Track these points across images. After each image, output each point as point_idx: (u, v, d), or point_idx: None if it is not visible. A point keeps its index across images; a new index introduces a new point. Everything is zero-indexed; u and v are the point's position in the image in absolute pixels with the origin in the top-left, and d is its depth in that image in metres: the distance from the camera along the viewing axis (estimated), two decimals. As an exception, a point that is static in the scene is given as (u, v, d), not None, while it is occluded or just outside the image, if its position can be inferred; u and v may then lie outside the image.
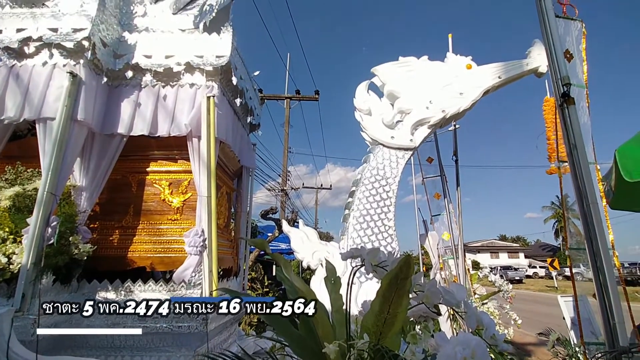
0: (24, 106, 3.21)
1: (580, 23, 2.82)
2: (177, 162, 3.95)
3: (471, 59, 4.47)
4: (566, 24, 2.73)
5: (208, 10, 3.87)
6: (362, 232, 3.90)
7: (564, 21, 2.70)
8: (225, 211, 4.69)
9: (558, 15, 2.58)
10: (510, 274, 33.25)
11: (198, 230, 3.37)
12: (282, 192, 17.60)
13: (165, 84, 3.71)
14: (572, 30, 2.77)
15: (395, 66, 4.45)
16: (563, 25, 2.70)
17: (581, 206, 2.21)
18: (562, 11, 2.77)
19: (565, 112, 2.30)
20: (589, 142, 2.68)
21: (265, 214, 11.68)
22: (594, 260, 2.10)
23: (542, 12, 2.45)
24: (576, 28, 2.80)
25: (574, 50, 2.72)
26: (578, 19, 2.82)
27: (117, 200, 3.88)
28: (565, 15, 2.73)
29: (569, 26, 2.78)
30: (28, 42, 3.28)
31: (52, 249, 2.95)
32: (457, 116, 4.43)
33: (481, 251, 52.05)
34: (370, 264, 1.55)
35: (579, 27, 2.81)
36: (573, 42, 2.75)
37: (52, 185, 2.98)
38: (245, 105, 4.56)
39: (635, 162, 2.53)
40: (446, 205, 5.84)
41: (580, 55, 2.76)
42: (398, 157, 4.27)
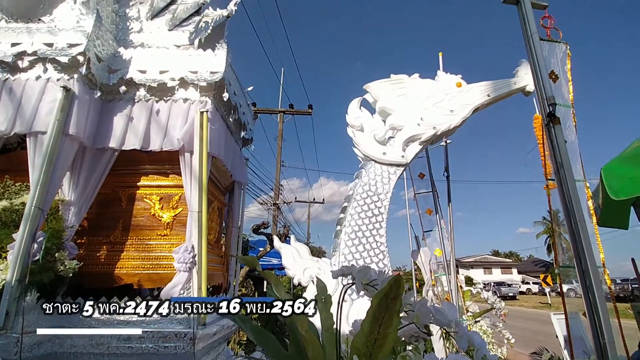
0: (15, 120, 3.19)
1: (564, 45, 2.90)
2: (169, 176, 3.92)
3: (461, 77, 4.56)
4: (551, 46, 2.81)
5: (204, 27, 3.92)
6: (353, 248, 3.89)
7: (549, 44, 2.79)
8: (216, 226, 4.65)
9: (542, 38, 2.66)
10: (503, 290, 33.20)
11: (188, 246, 3.33)
12: (274, 206, 17.53)
13: (159, 99, 3.72)
14: (557, 52, 2.85)
15: (387, 83, 4.52)
16: (547, 48, 2.79)
17: (569, 224, 2.24)
18: (547, 34, 2.86)
19: (552, 132, 2.35)
20: (577, 160, 2.72)
21: (257, 229, 11.59)
22: (583, 278, 2.11)
23: (527, 36, 2.53)
24: (561, 50, 2.88)
25: (559, 71, 2.79)
26: (562, 41, 2.91)
27: (106, 215, 3.82)
28: (550, 38, 2.82)
29: (553, 48, 2.86)
30: (22, 57, 3.28)
31: (37, 266, 2.88)
32: (447, 133, 4.50)
33: (474, 267, 52.00)
34: (361, 283, 1.55)
35: (563, 49, 2.89)
36: (558, 64, 2.83)
37: (40, 199, 2.94)
38: (239, 120, 4.58)
39: (620, 180, 2.57)
40: (438, 221, 5.86)
41: (565, 76, 2.84)
42: (390, 173, 4.30)
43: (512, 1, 2.62)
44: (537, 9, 2.70)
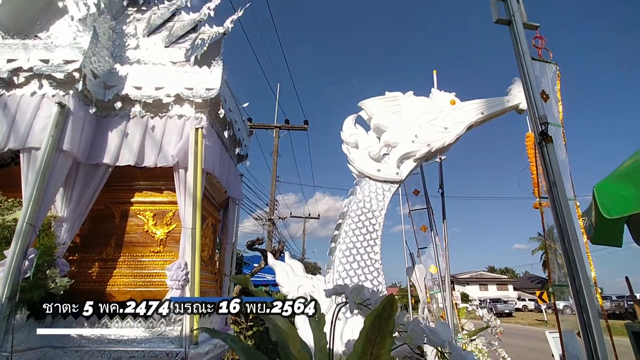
0: (9, 136, 3.19)
1: (554, 66, 2.96)
2: (163, 192, 3.91)
3: (455, 95, 4.61)
4: (542, 66, 2.86)
5: (200, 44, 3.97)
6: (348, 265, 3.85)
7: (540, 63, 2.84)
8: (210, 243, 4.62)
9: (534, 58, 2.71)
10: (499, 307, 32.95)
11: (181, 263, 3.30)
12: (269, 222, 17.44)
13: (154, 115, 3.74)
14: (548, 72, 2.91)
15: (382, 101, 4.56)
16: (539, 67, 2.84)
17: (562, 243, 2.24)
18: (538, 54, 2.92)
19: (544, 150, 2.37)
20: (568, 179, 2.75)
21: (251, 245, 11.49)
22: (577, 298, 2.11)
23: (519, 55, 2.58)
24: (551, 70, 2.94)
25: (550, 91, 2.84)
26: (552, 61, 2.97)
27: (98, 231, 3.79)
28: (541, 58, 2.88)
29: (544, 68, 2.92)
30: (18, 73, 3.30)
31: (27, 283, 2.84)
32: (442, 150, 4.52)
33: (470, 283, 51.72)
34: (354, 302, 1.54)
35: (553, 70, 2.95)
36: (549, 84, 2.88)
37: (33, 216, 2.91)
38: (234, 137, 4.59)
39: (612, 199, 2.60)
40: (432, 238, 5.84)
41: (555, 96, 2.89)
42: (384, 190, 4.29)
43: (504, 21, 2.67)
44: (529, 29, 2.76)
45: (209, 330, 1.50)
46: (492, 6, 2.61)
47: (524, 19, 2.60)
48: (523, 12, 2.59)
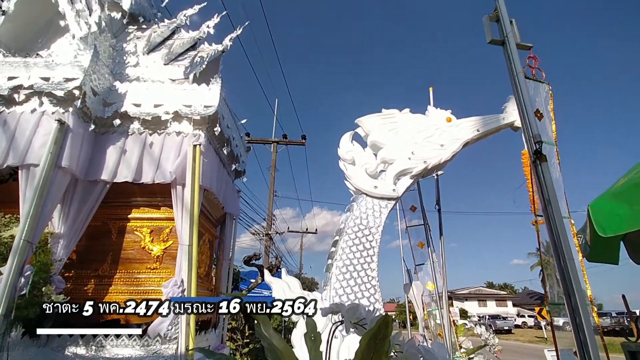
0: (9, 152, 3.21)
1: (547, 85, 3.02)
2: (160, 209, 3.91)
3: (451, 112, 4.68)
4: (535, 85, 2.92)
5: (199, 62, 4.03)
6: (345, 282, 3.84)
7: (534, 83, 2.90)
8: (206, 259, 4.60)
9: (528, 77, 2.76)
10: (499, 323, 32.54)
11: (177, 280, 3.28)
12: (266, 237, 17.34)
13: (153, 132, 3.76)
14: (541, 92, 2.97)
15: (379, 118, 4.62)
16: (533, 87, 2.89)
17: (558, 262, 2.24)
18: (532, 74, 2.97)
19: (539, 169, 2.39)
20: (562, 197, 2.77)
21: (248, 260, 11.40)
22: (572, 316, 2.10)
23: (513, 75, 2.62)
24: (544, 90, 2.99)
25: (543, 110, 2.89)
26: (545, 81, 3.03)
27: (95, 247, 3.78)
28: (535, 77, 2.94)
29: (538, 88, 2.97)
30: (19, 90, 3.34)
31: (23, 300, 2.82)
32: (438, 166, 4.56)
33: (469, 299, 51.21)
34: (350, 322, 1.54)
35: (546, 89, 3.01)
36: (542, 103, 2.93)
37: (30, 232, 2.91)
38: (231, 153, 4.62)
39: (607, 217, 2.60)
40: (430, 254, 5.84)
41: (549, 115, 2.94)
42: (381, 206, 4.31)
43: (498, 42, 2.73)
44: (522, 49, 2.82)
45: (204, 351, 1.49)
46: (486, 27, 2.67)
47: (517, 39, 2.66)
48: (516, 32, 2.66)
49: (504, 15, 2.64)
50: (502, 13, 2.66)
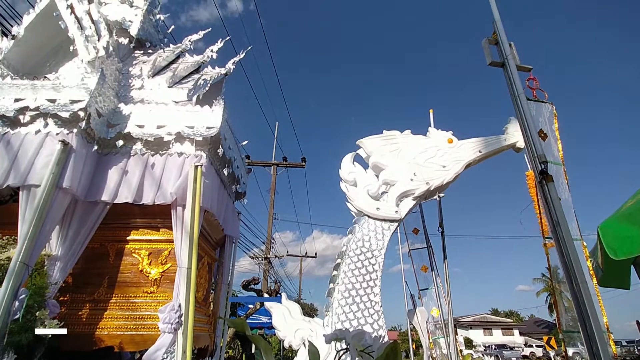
0: (10, 172, 3.19)
1: (550, 105, 3.01)
2: (159, 230, 3.86)
3: (452, 134, 4.67)
4: (538, 106, 2.91)
5: (202, 85, 4.07)
6: (347, 307, 3.72)
7: (536, 104, 2.89)
8: (205, 283, 4.50)
9: (529, 98, 2.76)
10: (506, 353, 31.54)
11: (175, 305, 3.18)
12: (265, 260, 17.11)
13: (155, 153, 3.76)
14: (544, 112, 2.95)
15: (380, 139, 4.61)
16: (535, 107, 2.88)
17: (571, 286, 2.16)
18: (533, 95, 2.97)
19: (545, 189, 2.35)
20: (573, 219, 2.70)
21: (246, 285, 11.23)
22: (589, 344, 2.00)
23: (515, 96, 2.63)
24: (547, 110, 2.98)
25: (547, 130, 2.87)
26: (548, 101, 3.02)
27: (91, 270, 3.69)
28: (536, 98, 2.94)
29: (540, 108, 2.96)
30: (24, 112, 3.36)
31: (16, 325, 2.73)
32: (441, 188, 4.52)
33: (473, 327, 49.84)
34: (355, 349, 1.46)
35: (549, 109, 2.99)
36: (546, 123, 2.91)
37: (27, 254, 2.85)
38: (232, 174, 4.60)
39: (618, 239, 2.53)
40: (434, 278, 5.70)
41: (553, 135, 2.91)
42: (384, 228, 4.24)
43: (498, 64, 2.75)
44: (522, 71, 2.83)
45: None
46: (486, 50, 2.69)
47: (517, 61, 2.68)
48: (515, 55, 2.68)
49: (503, 38, 2.67)
50: (501, 36, 2.69)
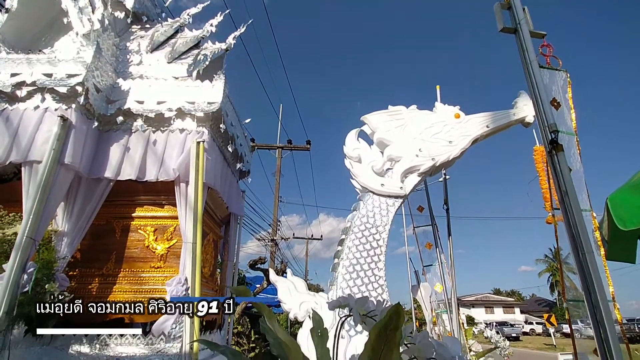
0: (11, 149, 3.18)
1: (564, 73, 2.89)
2: (164, 207, 3.87)
3: (459, 109, 4.58)
4: (551, 74, 2.80)
5: (202, 60, 3.99)
6: (351, 282, 3.75)
7: (549, 71, 2.77)
8: (211, 259, 4.53)
9: (542, 66, 2.66)
10: (506, 330, 32.01)
11: (181, 278, 3.22)
12: (272, 242, 17.28)
13: (156, 129, 3.73)
14: (558, 80, 2.84)
15: (385, 114, 4.53)
16: (548, 76, 2.77)
17: (577, 256, 2.14)
18: (546, 62, 2.86)
19: (555, 159, 2.29)
20: (583, 190, 2.65)
21: (253, 264, 11.34)
22: (593, 313, 2.00)
23: (527, 63, 2.52)
24: (561, 78, 2.86)
25: (561, 99, 2.77)
26: (562, 69, 2.90)
27: (99, 246, 3.74)
28: (550, 65, 2.83)
29: (554, 76, 2.84)
30: (21, 86, 3.32)
31: (25, 297, 2.78)
32: (447, 164, 4.46)
33: (475, 305, 50.57)
34: (359, 314, 1.45)
35: (563, 77, 2.87)
36: (559, 91, 2.80)
37: (33, 229, 2.87)
38: (236, 152, 4.57)
39: (628, 209, 2.48)
40: (438, 255, 5.71)
41: (567, 104, 2.79)
42: (388, 204, 4.22)
43: (510, 30, 2.64)
44: (536, 37, 2.70)
45: (207, 343, 1.42)
46: (497, 15, 2.59)
47: (530, 27, 2.57)
48: (529, 20, 2.56)
49: (517, 2, 2.56)
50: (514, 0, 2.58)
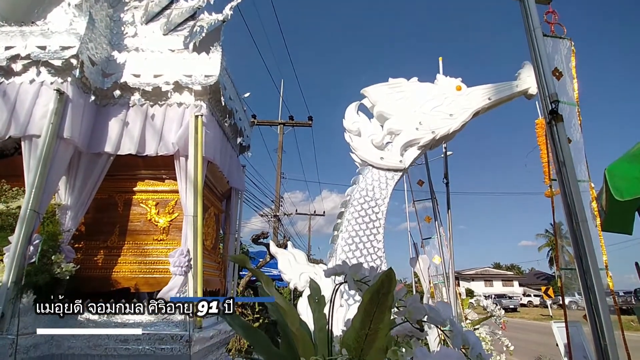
0: (10, 123, 3.18)
1: (569, 41, 2.81)
2: (165, 181, 3.90)
3: (461, 81, 4.52)
4: (554, 42, 2.73)
5: (198, 31, 3.92)
6: (350, 253, 3.83)
7: (553, 40, 2.71)
8: (212, 232, 4.60)
9: (546, 34, 2.59)
10: (504, 302, 32.75)
11: (183, 250, 3.29)
12: (274, 218, 17.45)
13: (154, 103, 3.70)
14: (561, 49, 2.77)
15: (385, 87, 4.50)
16: (551, 44, 2.70)
17: (570, 224, 2.17)
18: (550, 30, 2.79)
19: (554, 129, 2.28)
20: (582, 160, 2.65)
21: (256, 239, 11.51)
22: (584, 279, 2.04)
23: (530, 31, 2.46)
24: (565, 46, 2.79)
25: (564, 68, 2.72)
26: (567, 37, 2.83)
27: (102, 220, 3.80)
28: (554, 34, 2.76)
29: (557, 45, 2.78)
30: (16, 60, 3.28)
31: (33, 268, 2.86)
32: (447, 137, 4.46)
33: (475, 279, 51.50)
34: (353, 280, 1.50)
35: (567, 46, 2.80)
36: (562, 61, 2.74)
37: (36, 202, 2.92)
38: (235, 126, 4.55)
39: (625, 180, 2.50)
40: (437, 228, 5.79)
41: (570, 73, 2.73)
42: (387, 178, 4.25)
43: (515, -6, 2.57)
44: (541, 3, 2.64)
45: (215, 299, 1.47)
46: (500, -19, 2.51)
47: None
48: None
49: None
50: (519, -36, 2.50)
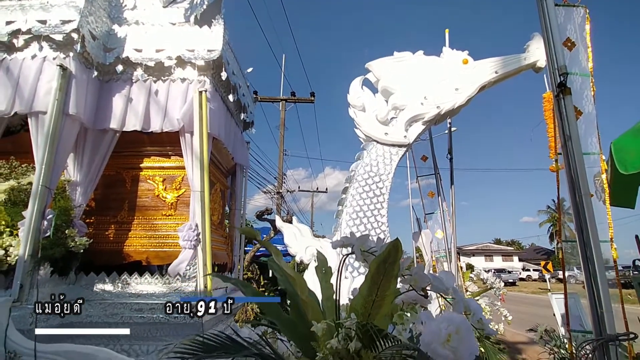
0: (15, 100, 3.18)
1: (583, 9, 2.71)
2: (171, 158, 3.93)
3: (467, 54, 4.43)
4: (567, 11, 2.64)
5: (199, 3, 3.84)
6: (354, 228, 3.89)
7: (565, 9, 2.61)
8: (219, 208, 4.67)
9: (558, 3, 2.48)
10: (503, 276, 33.20)
11: (192, 224, 3.36)
12: (277, 195, 17.56)
13: (157, 79, 3.68)
14: (575, 17, 2.67)
15: (390, 61, 4.44)
16: (563, 14, 2.59)
17: (573, 197, 2.18)
18: None
19: (561, 103, 2.25)
20: (594, 132, 2.63)
21: (260, 215, 11.63)
22: (584, 250, 2.08)
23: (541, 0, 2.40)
24: (579, 15, 2.67)
25: (577, 37, 2.62)
26: (581, 4, 2.72)
27: (111, 195, 3.87)
28: (566, 2, 2.65)
29: (570, 13, 2.68)
30: (17, 35, 3.25)
31: (48, 241, 2.96)
32: (452, 112, 4.43)
33: (476, 254, 52.04)
34: (360, 251, 1.55)
35: (582, 14, 2.70)
36: (576, 29, 2.66)
37: (46, 178, 2.97)
38: (238, 102, 4.54)
39: (631, 154, 2.48)
40: (440, 203, 5.84)
41: (584, 42, 2.66)
42: (392, 153, 4.26)
43: (525, -40, 2.49)
44: None
45: (219, 276, 1.53)
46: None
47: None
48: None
49: None
50: None
